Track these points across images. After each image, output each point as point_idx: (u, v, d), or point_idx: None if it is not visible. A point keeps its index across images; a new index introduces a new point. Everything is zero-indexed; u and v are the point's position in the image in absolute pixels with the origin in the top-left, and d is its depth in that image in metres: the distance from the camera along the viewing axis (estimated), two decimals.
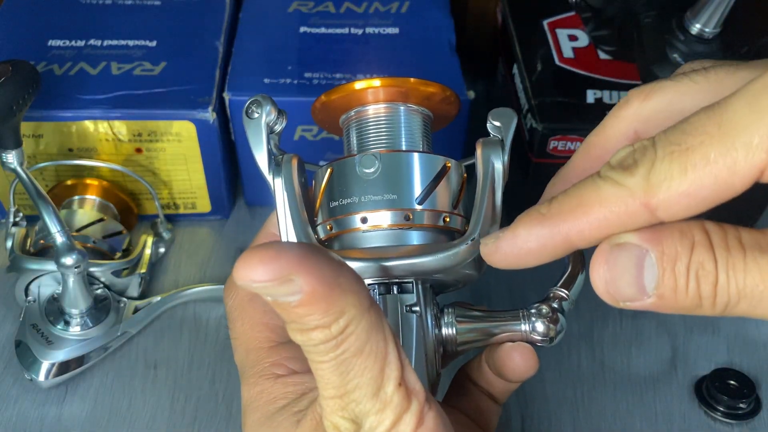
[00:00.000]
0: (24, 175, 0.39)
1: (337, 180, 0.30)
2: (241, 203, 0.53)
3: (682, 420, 0.42)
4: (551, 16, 0.51)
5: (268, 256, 0.21)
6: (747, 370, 0.44)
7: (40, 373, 0.41)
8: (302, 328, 0.23)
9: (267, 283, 0.21)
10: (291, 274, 0.21)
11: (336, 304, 0.22)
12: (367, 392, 0.23)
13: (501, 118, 0.31)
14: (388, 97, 0.31)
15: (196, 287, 0.46)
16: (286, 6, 0.53)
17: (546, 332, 0.30)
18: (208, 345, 0.45)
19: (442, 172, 0.30)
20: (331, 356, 0.23)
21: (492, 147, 0.31)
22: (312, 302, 0.22)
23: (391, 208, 0.29)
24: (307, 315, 0.22)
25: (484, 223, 0.29)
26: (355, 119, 0.32)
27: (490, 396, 0.33)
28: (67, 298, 0.41)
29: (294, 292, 0.21)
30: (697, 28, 0.40)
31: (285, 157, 0.31)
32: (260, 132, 0.31)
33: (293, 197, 0.31)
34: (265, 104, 0.31)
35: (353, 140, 0.32)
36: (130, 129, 0.45)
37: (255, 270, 0.21)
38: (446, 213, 0.30)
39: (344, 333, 0.23)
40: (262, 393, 0.29)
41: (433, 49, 0.50)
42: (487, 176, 0.30)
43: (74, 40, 0.49)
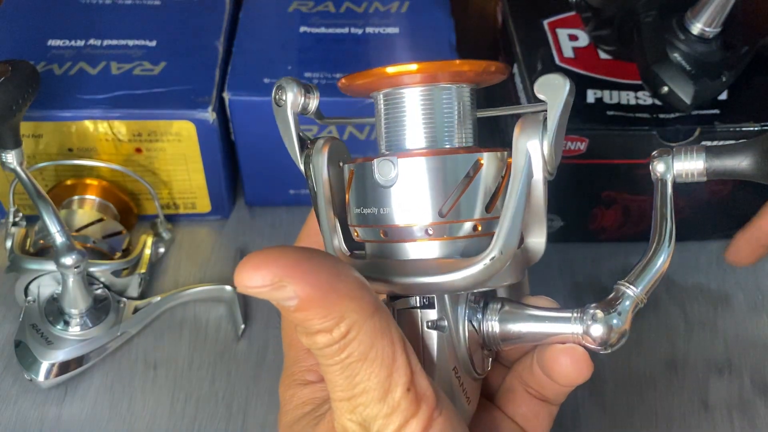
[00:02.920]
0: (24, 175, 0.39)
1: (359, 185, 0.28)
2: (241, 203, 0.53)
3: (682, 420, 0.42)
4: (551, 16, 0.51)
5: (262, 262, 0.21)
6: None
7: (39, 373, 0.41)
8: (306, 332, 0.23)
9: (261, 289, 0.22)
10: (283, 281, 0.21)
11: (334, 309, 0.22)
12: (374, 396, 0.23)
13: (546, 89, 0.25)
14: (413, 80, 0.27)
15: (196, 287, 0.46)
16: (286, 6, 0.53)
17: (603, 337, 0.26)
18: (208, 345, 0.45)
19: (469, 174, 0.26)
20: (336, 360, 0.23)
21: (531, 129, 0.26)
22: (307, 307, 0.22)
23: (411, 222, 0.26)
24: (308, 319, 0.22)
25: (511, 233, 0.25)
26: (379, 106, 0.28)
27: (543, 398, 0.31)
28: (67, 298, 0.41)
29: (289, 297, 0.22)
30: (697, 27, 0.40)
31: (317, 145, 0.29)
32: (287, 120, 0.29)
33: (321, 193, 0.29)
34: (289, 89, 0.29)
35: (381, 129, 0.28)
36: (129, 129, 0.45)
37: (249, 276, 0.21)
38: (477, 220, 0.26)
39: (346, 338, 0.23)
40: (293, 397, 0.30)
41: (433, 49, 0.50)
42: (519, 170, 0.26)
43: (74, 40, 0.49)
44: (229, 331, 0.46)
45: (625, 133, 0.43)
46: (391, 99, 0.27)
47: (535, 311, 0.28)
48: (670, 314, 0.47)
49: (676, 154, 0.27)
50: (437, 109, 0.27)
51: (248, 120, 0.47)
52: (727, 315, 0.47)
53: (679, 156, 0.27)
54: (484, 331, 0.28)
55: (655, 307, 0.48)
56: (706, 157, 0.27)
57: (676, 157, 0.27)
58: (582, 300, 0.47)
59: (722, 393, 0.43)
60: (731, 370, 0.45)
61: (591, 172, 0.46)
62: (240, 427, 0.41)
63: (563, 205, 0.48)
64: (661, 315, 0.47)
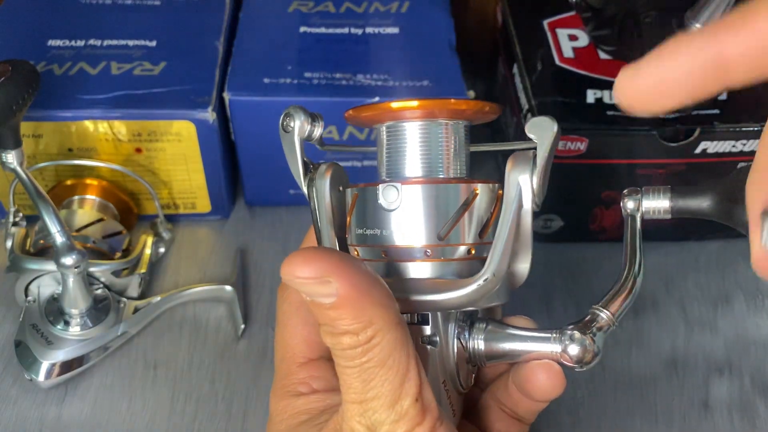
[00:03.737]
0: (24, 175, 0.39)
1: (362, 207, 0.30)
2: (241, 203, 0.53)
3: (682, 420, 0.42)
4: (551, 16, 0.51)
5: (311, 257, 0.24)
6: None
7: (40, 373, 0.41)
8: (333, 331, 0.25)
9: (307, 281, 0.24)
10: (328, 276, 0.24)
11: (365, 312, 0.24)
12: (385, 402, 0.25)
13: (535, 129, 0.28)
14: (414, 115, 0.29)
15: (196, 287, 0.46)
16: (286, 6, 0.53)
17: (580, 356, 0.28)
18: (208, 345, 0.45)
19: (466, 202, 0.28)
20: (357, 362, 0.24)
21: (521, 164, 0.28)
22: (343, 306, 0.24)
23: (411, 244, 0.28)
24: (338, 318, 0.24)
25: (503, 258, 0.28)
26: (382, 136, 0.30)
27: (516, 417, 0.33)
28: (67, 298, 0.41)
29: (329, 293, 0.24)
30: (697, 27, 0.40)
31: (320, 169, 0.31)
32: (293, 146, 0.31)
33: (323, 214, 0.31)
34: (297, 117, 0.31)
35: (382, 157, 0.30)
36: (129, 129, 0.45)
37: (299, 267, 0.24)
38: (471, 244, 0.29)
39: (370, 342, 0.24)
40: (287, 407, 0.31)
41: (433, 49, 0.50)
42: (511, 201, 0.28)
43: (74, 40, 0.49)
44: (229, 331, 0.46)
45: (625, 133, 0.44)
46: (393, 131, 0.30)
47: (517, 331, 0.30)
48: (670, 314, 0.47)
49: (645, 194, 0.30)
50: (435, 142, 0.29)
51: (248, 120, 0.47)
52: (727, 315, 0.47)
53: (648, 195, 0.30)
54: (470, 347, 0.30)
55: (655, 307, 0.48)
56: (672, 197, 0.29)
57: (645, 196, 0.30)
58: (581, 301, 0.47)
59: (722, 393, 0.43)
60: (731, 370, 0.45)
61: (591, 172, 0.46)
62: (240, 427, 0.41)
63: (563, 205, 0.48)
64: (661, 315, 0.47)
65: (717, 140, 0.43)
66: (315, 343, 0.32)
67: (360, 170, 0.50)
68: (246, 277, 0.48)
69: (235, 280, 0.47)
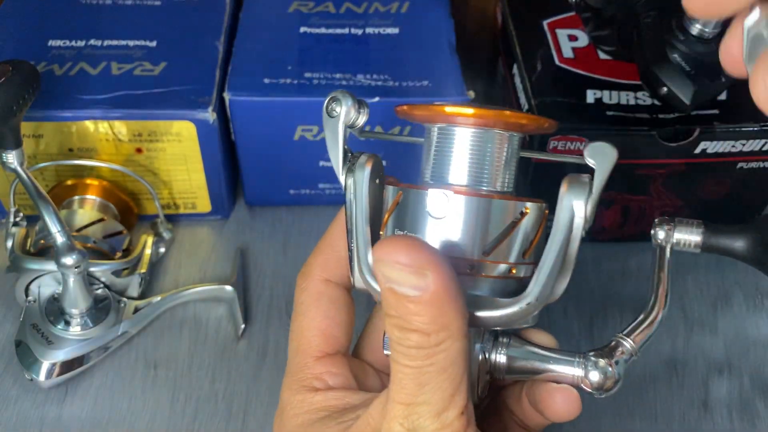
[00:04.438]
0: (24, 175, 0.39)
1: (405, 209, 0.28)
2: (241, 203, 0.53)
3: (682, 420, 0.42)
4: (551, 16, 0.51)
5: (414, 245, 0.23)
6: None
7: (40, 373, 0.41)
8: (403, 326, 0.24)
9: (403, 267, 0.23)
10: (426, 269, 0.23)
11: (445, 316, 0.23)
12: (433, 410, 0.24)
13: (595, 155, 0.27)
14: (470, 122, 0.28)
15: (196, 287, 0.46)
16: (286, 6, 0.53)
17: (600, 383, 0.28)
18: (208, 345, 0.45)
19: (514, 222, 0.28)
20: (417, 364, 0.24)
21: (578, 189, 0.27)
22: (429, 303, 0.23)
23: (455, 256, 0.27)
24: (416, 314, 0.23)
25: (547, 283, 0.27)
26: (432, 137, 0.29)
27: (523, 426, 0.32)
28: (68, 298, 0.41)
29: (419, 286, 0.23)
30: (697, 28, 0.40)
31: (360, 159, 0.30)
32: (337, 132, 0.30)
33: (359, 208, 0.29)
34: (344, 101, 0.30)
35: (429, 158, 0.29)
36: (130, 129, 0.45)
37: (400, 252, 0.23)
38: (513, 264, 0.28)
39: (439, 347, 0.24)
40: (303, 402, 0.30)
41: (433, 49, 0.50)
42: (562, 226, 0.27)
43: (74, 40, 0.49)
44: (229, 331, 0.46)
45: (625, 133, 0.44)
46: (444, 134, 0.29)
47: (540, 350, 0.30)
48: (670, 314, 0.47)
49: (678, 225, 0.30)
50: (488, 152, 0.28)
51: (248, 120, 0.47)
52: (727, 315, 0.47)
53: (680, 228, 0.30)
54: (492, 360, 0.30)
55: None
56: (704, 232, 0.30)
57: (678, 228, 0.30)
58: (581, 300, 0.47)
59: (722, 393, 0.43)
60: (731, 370, 0.45)
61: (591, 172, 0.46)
62: (240, 427, 0.41)
63: None
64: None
65: (717, 140, 0.43)
66: (332, 337, 0.32)
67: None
68: (246, 277, 0.48)
69: (235, 280, 0.47)
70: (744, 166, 0.45)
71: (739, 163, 0.45)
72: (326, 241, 0.33)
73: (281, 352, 0.45)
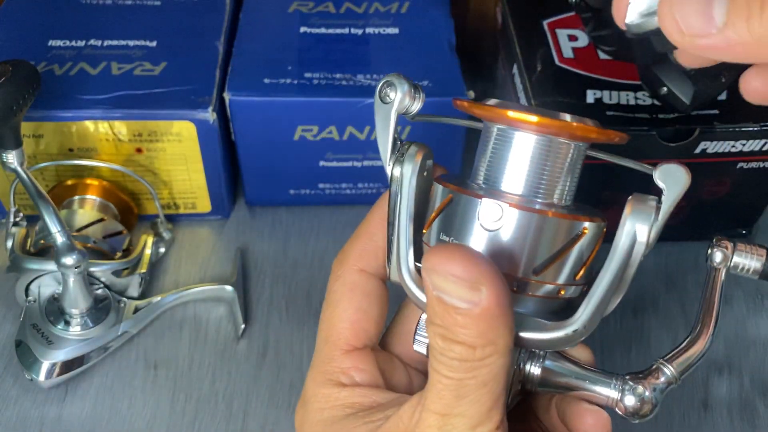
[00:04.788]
0: (24, 175, 0.39)
1: (453, 213, 0.27)
2: (241, 203, 0.53)
3: (682, 420, 0.42)
4: (551, 16, 0.51)
5: (470, 257, 0.22)
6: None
7: (40, 373, 0.41)
8: (448, 336, 0.23)
9: (457, 280, 0.22)
10: (482, 283, 0.22)
11: (494, 331, 0.23)
12: (468, 424, 0.23)
13: (666, 177, 0.26)
14: (534, 127, 0.26)
15: (196, 287, 0.46)
16: (286, 6, 0.53)
17: (636, 409, 0.27)
18: (208, 345, 0.45)
19: (570, 243, 0.26)
20: (459, 376, 0.23)
21: (643, 213, 0.26)
22: (480, 318, 0.22)
23: (503, 271, 0.25)
24: (464, 327, 0.22)
25: (597, 311, 0.25)
26: (490, 135, 0.27)
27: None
28: (68, 298, 0.41)
29: (471, 300, 0.22)
30: None
31: (410, 150, 0.28)
32: (388, 119, 0.28)
33: (404, 203, 0.28)
34: (400, 87, 0.28)
35: (485, 159, 0.28)
36: (130, 129, 0.45)
37: (455, 263, 0.22)
38: (562, 285, 0.26)
39: (483, 362, 0.23)
40: (329, 396, 0.29)
41: (433, 49, 0.50)
42: (622, 251, 0.26)
43: (74, 40, 0.49)
44: (229, 331, 0.46)
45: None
46: (505, 136, 0.27)
47: (577, 368, 0.28)
48: (670, 314, 0.47)
49: (738, 249, 0.28)
50: (550, 161, 0.27)
51: (248, 120, 0.47)
52: (727, 315, 0.47)
53: (740, 252, 0.28)
54: (526, 371, 0.28)
55: (655, 307, 0.48)
56: (766, 260, 0.28)
57: (737, 251, 0.28)
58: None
59: (722, 393, 0.43)
60: (731, 370, 0.45)
61: (591, 173, 0.46)
62: (240, 427, 0.41)
63: None
64: (661, 315, 0.47)
65: (717, 140, 0.43)
66: (363, 331, 0.30)
67: (360, 170, 0.50)
68: (246, 277, 0.48)
69: (235, 280, 0.47)
70: (744, 166, 0.45)
71: (739, 163, 0.45)
72: (365, 228, 0.32)
73: (281, 352, 0.45)
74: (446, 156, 0.49)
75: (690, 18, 0.20)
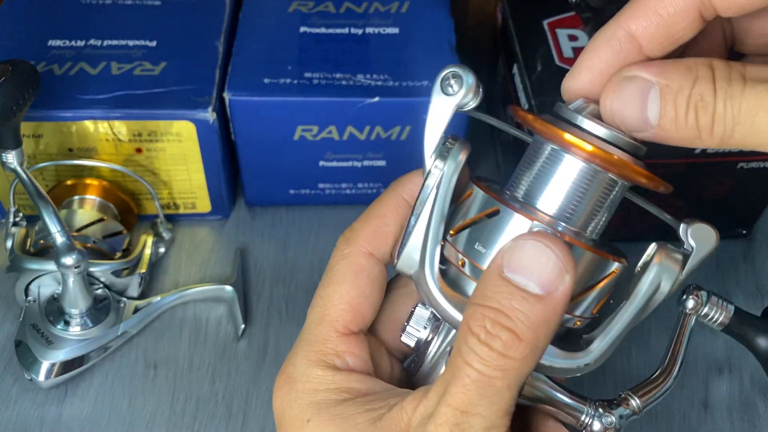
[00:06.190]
0: (24, 175, 0.39)
1: (497, 227, 0.26)
2: (241, 203, 0.53)
3: (683, 420, 0.42)
4: (551, 16, 0.51)
5: (566, 247, 0.23)
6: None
7: (40, 373, 0.41)
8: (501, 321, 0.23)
9: (549, 262, 0.23)
10: (569, 273, 0.23)
11: (546, 328, 0.23)
12: (484, 425, 0.23)
13: (697, 237, 0.27)
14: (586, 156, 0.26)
15: (196, 287, 0.46)
16: (286, 6, 0.53)
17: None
18: (208, 345, 0.45)
19: (602, 280, 0.26)
20: (489, 372, 0.23)
21: (671, 267, 0.27)
22: (546, 305, 0.23)
23: None
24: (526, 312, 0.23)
25: (609, 349, 0.26)
26: (542, 152, 0.27)
27: None
28: (67, 298, 0.41)
29: (551, 286, 0.23)
30: None
31: (456, 146, 0.28)
32: (446, 113, 0.27)
33: (442, 200, 0.27)
34: (466, 80, 0.27)
35: (530, 173, 0.27)
36: (130, 129, 0.45)
37: (556, 245, 0.23)
38: (579, 317, 0.27)
39: (518, 360, 0.23)
40: (323, 378, 0.28)
41: (433, 49, 0.50)
42: (642, 298, 0.27)
43: (74, 40, 0.49)
44: (229, 331, 0.46)
45: None
46: (555, 157, 0.27)
47: (553, 383, 0.28)
48: (670, 314, 0.47)
49: (710, 300, 0.30)
50: (594, 193, 0.26)
51: (248, 120, 0.47)
52: None
53: (712, 304, 0.30)
54: None
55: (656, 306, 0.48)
56: (734, 317, 0.30)
57: (709, 303, 0.30)
58: None
59: (722, 393, 0.43)
60: (731, 370, 0.45)
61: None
62: (240, 427, 0.41)
63: None
64: (661, 315, 0.47)
65: None
66: (361, 316, 0.29)
67: (360, 170, 0.50)
68: (246, 277, 0.48)
69: (235, 280, 0.47)
70: (744, 166, 0.45)
71: (739, 163, 0.45)
72: (377, 210, 0.31)
73: (281, 352, 0.45)
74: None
75: (628, 120, 0.24)
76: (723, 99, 0.22)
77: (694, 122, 0.23)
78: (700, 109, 0.22)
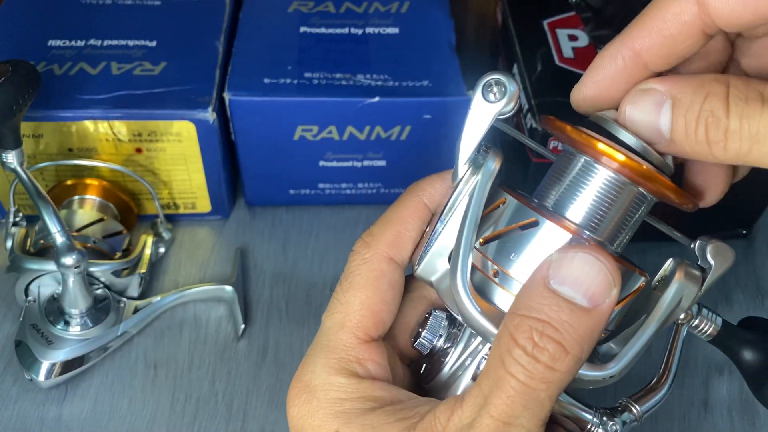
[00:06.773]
0: (24, 175, 0.39)
1: (528, 238, 0.26)
2: (241, 203, 0.53)
3: (683, 420, 0.42)
4: (551, 16, 0.51)
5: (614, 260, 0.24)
6: None
7: (40, 373, 0.41)
8: (549, 333, 0.23)
9: (599, 274, 0.23)
10: (616, 286, 0.23)
11: (590, 340, 0.23)
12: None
13: (716, 256, 0.28)
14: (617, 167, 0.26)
15: (196, 287, 0.46)
16: (286, 6, 0.53)
17: None
18: (208, 345, 0.45)
19: (627, 294, 0.27)
20: (534, 384, 0.23)
21: (691, 284, 0.27)
22: (593, 317, 0.23)
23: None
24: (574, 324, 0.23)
25: (632, 361, 0.27)
26: (574, 164, 0.27)
27: None
28: (67, 298, 0.41)
29: (598, 298, 0.23)
30: None
31: (491, 153, 0.27)
32: (486, 119, 0.27)
33: (475, 208, 0.27)
34: (509, 88, 0.26)
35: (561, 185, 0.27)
36: (130, 129, 0.45)
37: (606, 259, 0.23)
38: (604, 331, 0.27)
39: (562, 372, 0.23)
40: (347, 386, 0.27)
41: (433, 49, 0.50)
42: (663, 313, 0.27)
43: (74, 40, 0.49)
44: (229, 331, 0.46)
45: None
46: (588, 170, 0.27)
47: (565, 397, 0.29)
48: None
49: (701, 311, 0.31)
50: (624, 206, 0.27)
51: (248, 120, 0.47)
52: (727, 315, 0.47)
53: (702, 314, 0.31)
54: None
55: None
56: (722, 329, 0.31)
57: (700, 313, 0.31)
58: None
59: (722, 393, 0.43)
60: (731, 370, 0.45)
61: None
62: (240, 427, 0.41)
63: None
64: None
65: None
66: (381, 322, 0.29)
67: (360, 170, 0.50)
68: (246, 277, 0.48)
69: (235, 280, 0.47)
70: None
71: None
72: (398, 214, 0.30)
73: (281, 352, 0.45)
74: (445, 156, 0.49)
75: (643, 131, 0.25)
76: (738, 117, 0.22)
77: (704, 137, 0.23)
78: (710, 125, 0.23)
